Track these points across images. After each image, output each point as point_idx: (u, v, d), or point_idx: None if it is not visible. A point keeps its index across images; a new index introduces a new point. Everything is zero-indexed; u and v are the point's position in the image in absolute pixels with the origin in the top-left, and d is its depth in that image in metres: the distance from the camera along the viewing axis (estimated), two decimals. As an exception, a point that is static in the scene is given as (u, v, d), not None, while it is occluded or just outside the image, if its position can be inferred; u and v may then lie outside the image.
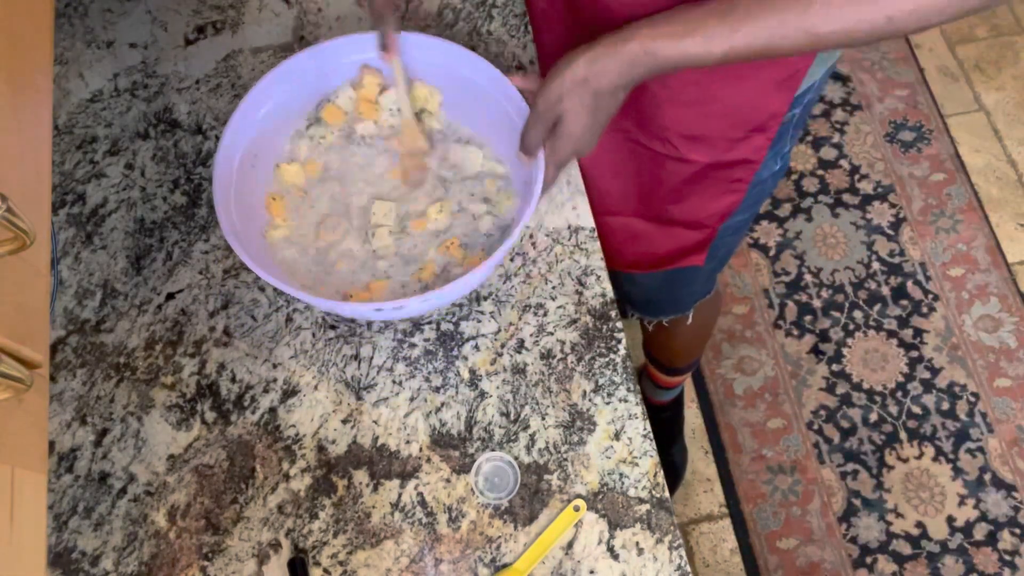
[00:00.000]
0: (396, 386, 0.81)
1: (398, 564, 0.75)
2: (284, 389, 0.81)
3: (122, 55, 0.98)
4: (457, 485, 0.77)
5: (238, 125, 0.79)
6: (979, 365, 1.70)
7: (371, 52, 0.82)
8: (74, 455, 0.79)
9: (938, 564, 1.54)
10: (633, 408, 0.80)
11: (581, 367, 0.82)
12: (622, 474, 0.78)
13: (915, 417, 1.66)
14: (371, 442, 0.79)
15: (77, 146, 0.92)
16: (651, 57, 0.67)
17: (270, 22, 1.00)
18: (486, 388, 0.81)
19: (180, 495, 0.77)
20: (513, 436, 0.79)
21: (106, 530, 0.76)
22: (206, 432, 0.80)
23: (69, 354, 0.82)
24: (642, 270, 1.06)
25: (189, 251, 0.87)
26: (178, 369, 0.82)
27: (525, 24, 0.98)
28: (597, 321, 0.83)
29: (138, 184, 0.91)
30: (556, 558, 0.75)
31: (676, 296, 1.18)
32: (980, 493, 1.60)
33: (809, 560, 1.55)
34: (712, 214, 0.94)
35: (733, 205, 0.93)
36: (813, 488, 1.60)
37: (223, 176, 0.76)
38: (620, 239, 1.02)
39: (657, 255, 1.03)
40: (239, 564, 0.75)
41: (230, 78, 0.96)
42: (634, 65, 0.68)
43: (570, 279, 0.85)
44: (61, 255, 0.87)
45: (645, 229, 1.01)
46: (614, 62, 0.68)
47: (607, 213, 0.99)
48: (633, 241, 1.02)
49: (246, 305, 0.85)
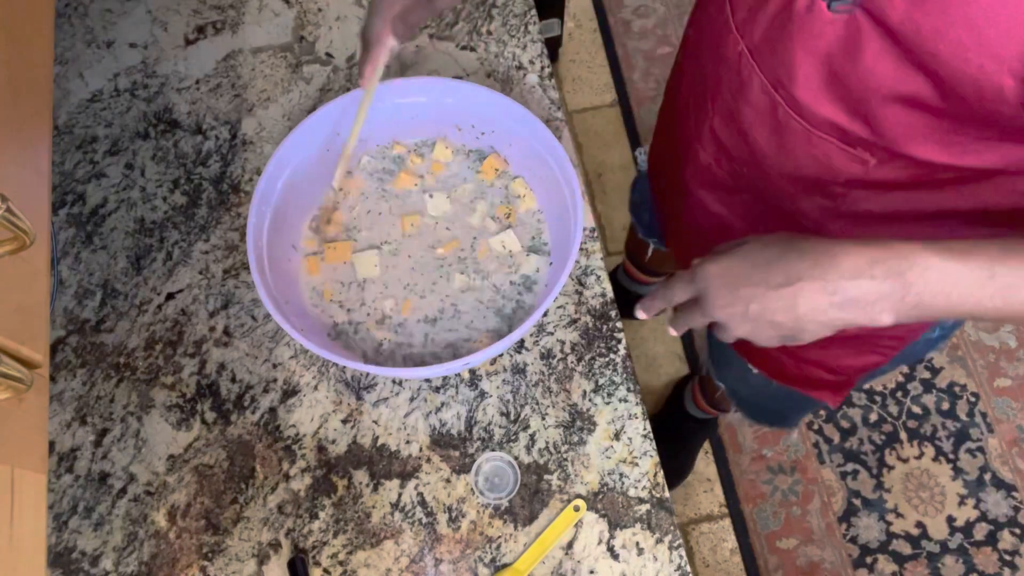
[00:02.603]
0: (396, 386, 0.81)
1: (398, 564, 0.75)
2: (284, 389, 0.81)
3: (122, 55, 0.98)
4: (457, 485, 0.77)
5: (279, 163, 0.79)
6: (979, 365, 1.70)
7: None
8: (74, 455, 0.79)
9: (938, 564, 1.54)
10: (633, 408, 0.80)
11: (581, 367, 0.82)
12: (622, 474, 0.78)
13: (915, 417, 1.66)
14: (371, 442, 0.79)
15: (77, 146, 0.92)
16: (915, 306, 0.53)
17: (270, 22, 1.00)
18: (486, 388, 0.81)
19: (180, 495, 0.77)
20: (513, 436, 0.79)
21: (106, 530, 0.76)
22: (206, 432, 0.80)
23: (69, 354, 0.82)
24: (765, 372, 0.95)
25: (189, 251, 0.87)
26: (178, 369, 0.82)
27: (525, 24, 0.98)
28: (597, 321, 0.83)
29: (138, 184, 0.91)
30: (556, 558, 0.75)
31: (787, 412, 1.07)
32: (980, 493, 1.60)
33: (809, 560, 1.55)
34: (851, 367, 0.87)
35: (876, 365, 0.85)
36: (813, 488, 1.60)
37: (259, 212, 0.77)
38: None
39: (785, 373, 0.93)
40: (239, 564, 0.75)
41: (230, 78, 0.96)
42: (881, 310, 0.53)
43: (570, 279, 0.85)
44: (61, 255, 0.87)
45: (778, 355, 0.91)
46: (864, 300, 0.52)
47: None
48: (762, 353, 0.93)
49: (246, 305, 0.85)
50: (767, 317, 0.56)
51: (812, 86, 0.59)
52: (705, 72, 0.72)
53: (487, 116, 0.82)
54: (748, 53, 0.63)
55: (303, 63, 0.97)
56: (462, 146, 0.86)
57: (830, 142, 0.61)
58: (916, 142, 0.57)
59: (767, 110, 0.64)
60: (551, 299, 0.71)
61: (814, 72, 0.58)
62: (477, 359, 0.71)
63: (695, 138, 0.78)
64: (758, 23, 0.61)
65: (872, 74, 0.54)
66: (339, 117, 0.81)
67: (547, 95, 0.94)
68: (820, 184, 0.66)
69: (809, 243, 0.55)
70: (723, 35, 0.66)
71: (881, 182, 0.62)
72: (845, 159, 0.61)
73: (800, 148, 0.64)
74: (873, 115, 0.57)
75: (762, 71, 0.63)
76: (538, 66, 0.96)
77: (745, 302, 0.56)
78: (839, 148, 0.61)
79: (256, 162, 0.91)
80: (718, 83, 0.69)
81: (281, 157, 0.78)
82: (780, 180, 0.69)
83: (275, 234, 0.78)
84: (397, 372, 0.72)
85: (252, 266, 0.73)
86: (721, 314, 0.58)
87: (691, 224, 0.88)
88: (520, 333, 0.71)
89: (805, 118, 0.61)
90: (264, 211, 0.77)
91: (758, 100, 0.65)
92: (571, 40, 2.03)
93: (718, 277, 0.58)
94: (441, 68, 0.96)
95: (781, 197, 0.71)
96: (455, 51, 0.97)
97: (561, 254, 0.79)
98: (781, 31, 0.59)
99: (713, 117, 0.73)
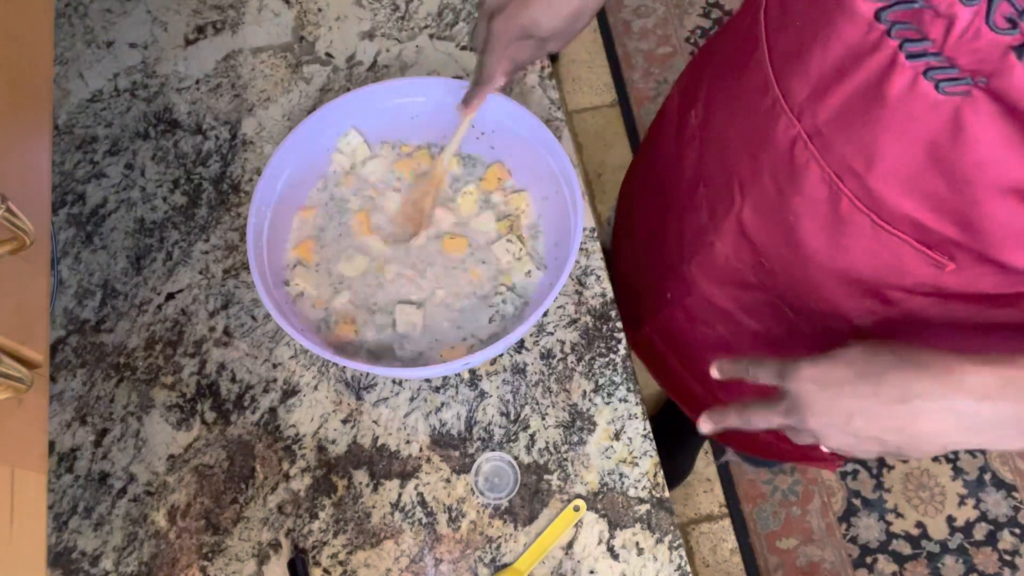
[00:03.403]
0: (396, 386, 0.81)
1: (398, 564, 0.75)
2: (284, 389, 0.81)
3: (122, 55, 0.98)
4: (457, 485, 0.77)
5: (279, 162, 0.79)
6: (979, 365, 1.70)
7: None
8: (74, 455, 0.79)
9: (938, 564, 1.54)
10: (633, 408, 0.80)
11: (581, 367, 0.82)
12: (622, 474, 0.78)
13: (915, 417, 1.66)
14: (371, 442, 0.79)
15: (77, 146, 0.92)
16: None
17: (270, 22, 1.00)
18: (486, 388, 0.81)
19: (180, 495, 0.77)
20: (513, 436, 0.79)
21: (106, 530, 0.76)
22: (206, 432, 0.80)
23: (69, 354, 0.82)
24: (759, 456, 0.93)
25: (189, 251, 0.87)
26: (178, 369, 0.82)
27: (525, 24, 0.98)
28: (597, 321, 0.83)
29: (138, 184, 0.91)
30: (556, 558, 0.75)
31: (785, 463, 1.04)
32: (980, 493, 1.60)
33: (809, 560, 1.55)
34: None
35: None
36: (813, 488, 1.60)
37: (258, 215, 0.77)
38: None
39: (781, 453, 0.90)
40: (239, 564, 0.75)
41: (230, 78, 0.96)
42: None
43: (570, 279, 0.85)
44: (61, 255, 0.87)
45: (773, 440, 0.87)
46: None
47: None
48: (754, 439, 0.90)
49: (246, 305, 0.85)
50: (873, 433, 0.51)
51: (896, 178, 0.52)
52: (733, 160, 0.67)
53: (487, 116, 0.82)
54: (807, 138, 0.56)
55: (303, 63, 0.97)
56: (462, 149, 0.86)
57: (903, 240, 0.55)
58: (1017, 246, 0.51)
59: (825, 202, 0.57)
60: (551, 299, 0.71)
61: (903, 163, 0.51)
62: (477, 359, 0.71)
63: (710, 230, 0.72)
64: (826, 105, 0.54)
65: (987, 164, 0.48)
66: (339, 117, 0.81)
67: (547, 95, 0.94)
68: (877, 288, 0.60)
69: (929, 356, 0.49)
70: (769, 119, 0.59)
71: (954, 290, 0.57)
72: (918, 262, 0.55)
73: (862, 247, 0.57)
74: (972, 212, 0.50)
75: (825, 159, 0.56)
76: (538, 66, 0.96)
77: (847, 414, 0.51)
78: (914, 249, 0.55)
79: (256, 162, 0.91)
80: (757, 172, 0.63)
81: (281, 157, 0.78)
82: (825, 280, 0.63)
83: (275, 234, 0.78)
84: (397, 372, 0.72)
85: (252, 266, 0.73)
86: (815, 423, 0.53)
87: (690, 319, 0.84)
88: (520, 333, 0.71)
89: (878, 213, 0.55)
90: (264, 211, 0.77)
91: (815, 191, 0.58)
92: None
93: (816, 382, 0.52)
94: (441, 68, 0.96)
95: (819, 300, 0.65)
96: (455, 51, 0.97)
97: (561, 254, 0.79)
98: (864, 115, 0.52)
99: (742, 209, 0.67)
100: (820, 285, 0.64)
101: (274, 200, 0.78)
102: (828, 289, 0.64)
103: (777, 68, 0.58)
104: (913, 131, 0.49)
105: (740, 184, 0.66)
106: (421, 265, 0.81)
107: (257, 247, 0.74)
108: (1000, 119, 0.46)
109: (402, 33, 0.98)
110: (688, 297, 0.82)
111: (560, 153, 0.77)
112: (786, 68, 0.57)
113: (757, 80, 0.61)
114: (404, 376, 0.80)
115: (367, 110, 0.82)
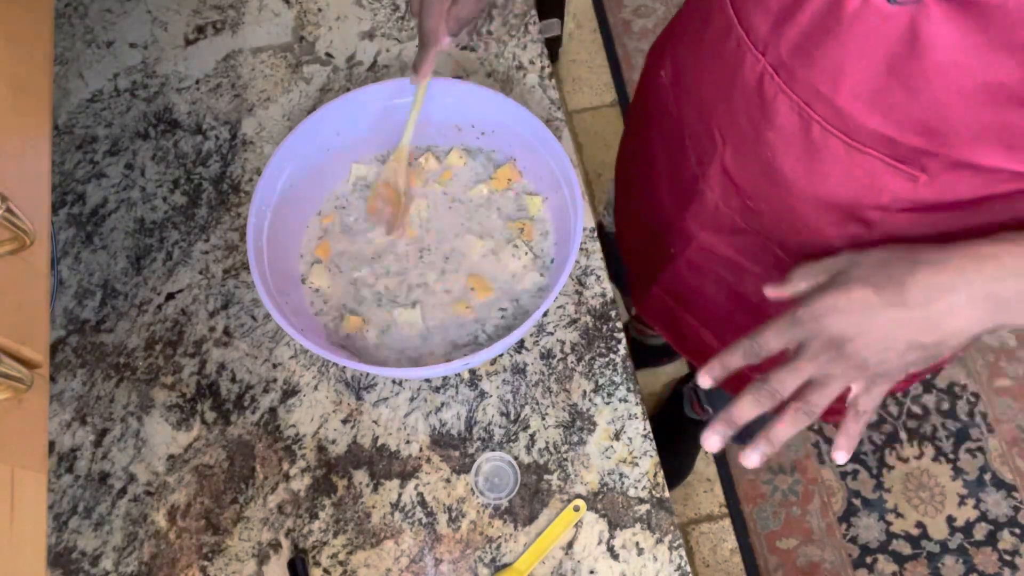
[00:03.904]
0: (396, 386, 0.81)
1: (398, 564, 0.75)
2: (284, 389, 0.81)
3: (122, 55, 0.98)
4: (457, 485, 0.77)
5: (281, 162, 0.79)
6: (979, 365, 1.70)
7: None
8: (74, 455, 0.79)
9: (938, 564, 1.54)
10: (633, 408, 0.80)
11: (581, 367, 0.82)
12: (622, 474, 0.78)
13: (915, 417, 1.66)
14: (371, 442, 0.79)
15: (77, 146, 0.92)
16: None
17: (270, 22, 1.00)
18: (486, 388, 0.81)
19: (180, 495, 0.77)
20: (513, 436, 0.79)
21: (106, 530, 0.76)
22: (206, 432, 0.80)
23: (69, 354, 0.82)
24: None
25: (189, 251, 0.87)
26: (178, 369, 0.82)
27: (525, 24, 0.98)
28: (597, 321, 0.83)
29: (138, 184, 0.91)
30: (556, 558, 0.75)
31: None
32: (980, 493, 1.60)
33: (809, 560, 1.55)
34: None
35: (899, 389, 0.83)
36: (813, 488, 1.60)
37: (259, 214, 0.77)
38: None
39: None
40: (239, 564, 0.75)
41: (230, 78, 0.96)
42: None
43: (570, 279, 0.85)
44: (61, 255, 0.87)
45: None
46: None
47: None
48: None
49: (246, 305, 0.85)
50: (911, 337, 0.52)
51: (861, 95, 0.53)
52: (709, 107, 0.68)
53: (487, 116, 0.82)
54: (773, 71, 0.58)
55: (303, 63, 0.97)
56: (462, 145, 0.86)
57: (875, 158, 0.56)
58: (985, 145, 0.52)
59: (798, 132, 0.59)
60: (551, 299, 0.71)
61: (865, 78, 0.53)
62: (477, 359, 0.71)
63: (699, 178, 0.74)
64: (786, 36, 0.56)
65: (945, 69, 0.49)
66: (339, 117, 0.81)
67: (547, 95, 0.94)
68: (855, 210, 0.61)
69: (936, 252, 0.51)
70: (736, 60, 0.61)
71: (931, 202, 0.58)
72: (892, 177, 0.57)
73: (837, 169, 0.59)
74: (937, 119, 0.52)
75: (792, 88, 0.57)
76: (538, 66, 0.96)
77: (883, 330, 0.52)
78: (886, 165, 0.56)
79: (256, 162, 0.91)
80: (731, 113, 0.65)
81: (281, 157, 0.78)
82: (807, 211, 0.64)
83: (275, 234, 0.78)
84: (397, 372, 0.72)
85: (252, 266, 0.73)
86: (856, 349, 0.53)
87: (695, 270, 0.85)
88: (520, 333, 0.71)
89: (848, 133, 0.56)
90: (264, 211, 0.77)
91: (787, 122, 0.59)
92: (571, 40, 2.03)
93: (840, 311, 0.53)
94: (441, 68, 0.96)
95: (803, 232, 0.66)
96: (455, 51, 0.97)
97: (561, 254, 0.79)
98: (821, 39, 0.53)
99: (724, 153, 0.69)
100: (803, 216, 0.65)
101: (274, 200, 0.78)
102: (812, 219, 0.65)
103: (738, 7, 0.60)
104: (871, 46, 0.51)
105: (719, 129, 0.68)
106: (422, 265, 0.81)
107: (257, 247, 0.74)
108: (953, 23, 0.47)
109: (402, 33, 0.98)
110: (689, 248, 0.83)
111: (560, 153, 0.77)
112: (746, 6, 0.59)
113: (720, 24, 0.63)
114: (404, 376, 0.80)
115: (367, 110, 0.82)
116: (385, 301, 0.79)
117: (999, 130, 0.51)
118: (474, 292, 0.79)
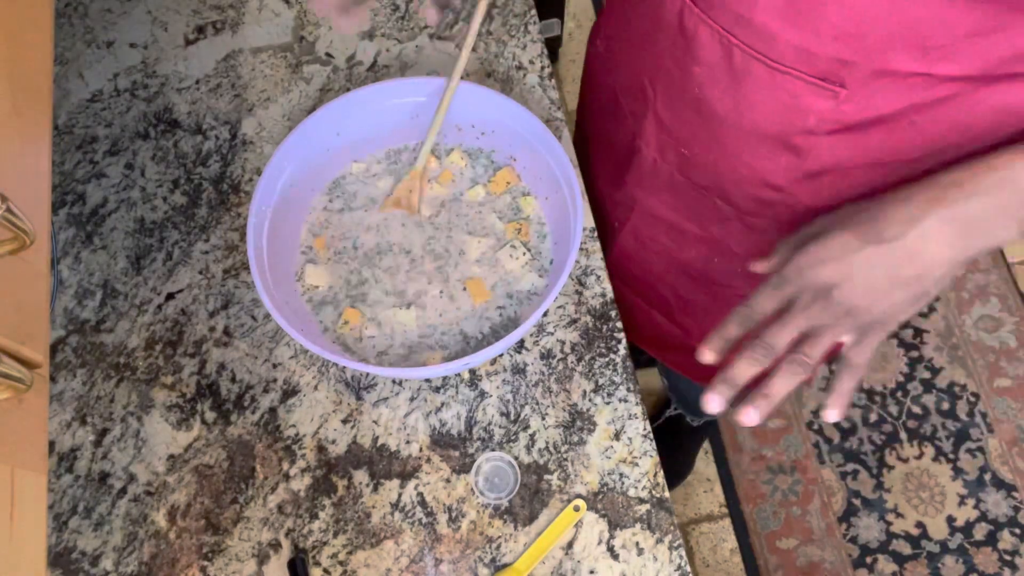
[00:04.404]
0: (396, 386, 0.81)
1: (398, 564, 0.75)
2: (284, 389, 0.81)
3: (122, 55, 0.98)
4: (457, 485, 0.77)
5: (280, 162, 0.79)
6: (979, 365, 1.70)
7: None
8: (74, 455, 0.79)
9: (938, 564, 1.54)
10: (633, 408, 0.80)
11: (581, 367, 0.82)
12: (622, 474, 0.78)
13: (915, 417, 1.66)
14: (371, 442, 0.79)
15: (77, 146, 0.92)
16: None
17: (270, 22, 1.00)
18: (486, 388, 0.81)
19: (180, 495, 0.77)
20: (513, 436, 0.79)
21: (106, 530, 0.76)
22: (206, 432, 0.80)
23: (69, 354, 0.82)
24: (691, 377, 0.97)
25: (189, 251, 0.87)
26: (178, 369, 0.82)
27: (525, 24, 0.98)
28: (597, 321, 0.83)
29: (138, 184, 0.91)
30: (556, 558, 0.75)
31: None
32: (980, 493, 1.60)
33: (809, 560, 1.55)
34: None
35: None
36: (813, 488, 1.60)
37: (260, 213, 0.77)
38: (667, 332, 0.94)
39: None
40: (239, 564, 0.75)
41: (230, 78, 0.96)
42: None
43: (570, 279, 0.85)
44: (61, 255, 0.87)
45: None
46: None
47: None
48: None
49: (246, 305, 0.85)
50: (892, 272, 0.53)
51: (775, 7, 0.54)
52: (638, 61, 0.70)
53: (487, 116, 0.82)
54: (691, 3, 0.59)
55: (303, 63, 0.97)
56: (462, 146, 0.86)
57: (796, 77, 0.57)
58: (900, 47, 0.53)
59: (721, 61, 0.60)
60: (551, 299, 0.71)
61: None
62: (477, 359, 0.71)
63: (636, 135, 0.76)
64: None
65: None
66: (339, 117, 0.81)
67: (547, 95, 0.94)
68: (784, 136, 0.62)
69: (903, 190, 0.54)
70: (656, 5, 0.63)
71: (854, 120, 0.59)
72: (814, 96, 0.57)
73: (762, 95, 0.60)
74: (851, 23, 0.52)
75: (711, 16, 0.58)
76: (538, 66, 0.96)
77: (870, 268, 0.53)
78: (806, 83, 0.57)
79: (256, 162, 0.91)
80: (658, 59, 0.66)
81: (281, 157, 0.78)
82: (739, 146, 0.65)
83: (275, 234, 0.78)
84: (397, 372, 0.72)
85: (252, 266, 0.73)
86: (850, 293, 0.54)
87: (640, 243, 0.87)
88: (520, 333, 0.71)
89: (768, 55, 0.57)
90: (264, 211, 0.77)
91: (710, 54, 0.60)
92: (571, 40, 2.03)
93: (826, 260, 0.54)
94: (441, 68, 0.96)
95: (738, 169, 0.67)
96: (455, 51, 0.97)
97: (560, 254, 0.79)
98: None
99: (655, 102, 0.70)
100: (737, 152, 0.66)
101: (274, 200, 0.78)
102: (745, 154, 0.66)
103: None
104: None
105: (650, 79, 0.69)
106: (422, 265, 0.81)
107: (257, 247, 0.74)
108: None
109: (402, 33, 0.98)
110: (631, 215, 0.85)
111: (560, 153, 0.77)
112: None
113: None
114: (404, 376, 0.80)
115: (367, 110, 0.82)
116: (385, 301, 0.79)
117: (911, 27, 0.51)
118: (473, 292, 0.79)
